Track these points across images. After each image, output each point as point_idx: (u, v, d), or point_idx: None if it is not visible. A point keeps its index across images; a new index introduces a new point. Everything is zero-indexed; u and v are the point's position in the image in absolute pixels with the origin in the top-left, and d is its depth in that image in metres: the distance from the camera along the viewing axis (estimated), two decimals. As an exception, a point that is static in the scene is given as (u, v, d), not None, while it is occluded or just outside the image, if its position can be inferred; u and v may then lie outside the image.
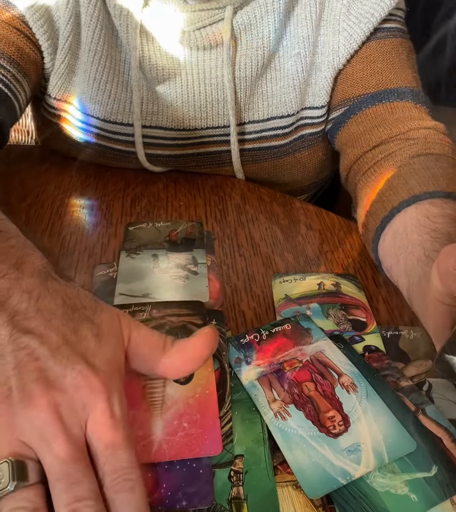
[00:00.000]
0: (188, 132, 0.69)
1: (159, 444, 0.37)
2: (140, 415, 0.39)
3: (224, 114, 0.68)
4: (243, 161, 0.72)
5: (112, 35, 0.65)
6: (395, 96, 0.64)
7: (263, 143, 0.71)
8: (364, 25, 0.63)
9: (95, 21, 0.63)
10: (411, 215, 0.51)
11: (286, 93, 0.67)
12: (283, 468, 0.38)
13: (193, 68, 0.66)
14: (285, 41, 0.66)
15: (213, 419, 0.39)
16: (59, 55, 0.65)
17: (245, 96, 0.68)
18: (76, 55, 0.66)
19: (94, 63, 0.65)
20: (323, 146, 0.74)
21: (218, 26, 0.63)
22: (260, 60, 0.65)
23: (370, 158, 0.63)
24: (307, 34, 0.65)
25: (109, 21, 0.64)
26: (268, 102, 0.68)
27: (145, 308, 0.47)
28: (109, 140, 0.70)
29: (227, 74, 0.65)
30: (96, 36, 0.64)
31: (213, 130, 0.70)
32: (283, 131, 0.70)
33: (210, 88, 0.67)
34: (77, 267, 0.56)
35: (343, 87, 0.67)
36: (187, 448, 0.37)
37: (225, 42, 0.63)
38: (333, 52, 0.65)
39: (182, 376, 0.39)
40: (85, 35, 0.64)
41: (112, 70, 0.66)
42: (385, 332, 0.49)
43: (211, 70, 0.66)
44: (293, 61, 0.66)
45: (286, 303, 0.52)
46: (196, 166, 0.73)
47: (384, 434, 0.39)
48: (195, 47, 0.64)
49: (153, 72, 0.65)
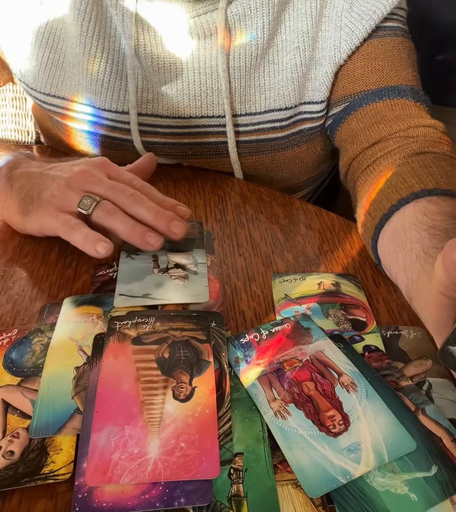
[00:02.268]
0: (183, 120, 0.70)
1: (154, 463, 0.36)
2: (137, 432, 0.38)
3: (219, 104, 0.69)
4: (240, 153, 0.72)
5: (105, 25, 0.66)
6: (396, 94, 0.65)
7: (261, 135, 0.71)
8: (366, 22, 0.64)
9: (82, 14, 0.64)
10: (409, 212, 0.51)
11: (284, 86, 0.68)
12: (283, 467, 0.38)
13: (188, 57, 0.66)
14: (284, 35, 0.66)
15: (211, 441, 0.38)
16: (39, 51, 0.68)
17: (240, 86, 0.68)
18: (57, 49, 0.68)
19: (85, 54, 0.66)
20: (321, 140, 0.74)
21: (213, 15, 0.63)
22: (254, 50, 0.65)
23: (370, 155, 0.63)
24: (307, 28, 0.65)
25: (103, 11, 0.65)
26: (266, 95, 0.68)
27: (149, 320, 0.47)
28: (106, 128, 0.71)
29: (221, 63, 0.65)
30: (84, 28, 0.65)
31: (209, 120, 0.70)
32: (281, 124, 0.70)
33: (205, 77, 0.67)
34: (77, 267, 0.56)
35: (343, 83, 0.67)
36: (183, 469, 0.36)
37: (219, 32, 0.64)
38: (334, 48, 0.66)
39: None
40: (74, 29, 0.65)
41: (105, 59, 0.67)
42: (385, 332, 0.49)
43: (206, 59, 0.66)
44: (292, 55, 0.66)
45: (286, 303, 0.52)
46: (192, 155, 0.73)
47: (384, 434, 0.39)
48: (190, 36, 0.65)
49: (148, 60, 0.66)
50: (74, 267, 0.56)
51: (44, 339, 0.47)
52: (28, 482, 0.36)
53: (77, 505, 0.34)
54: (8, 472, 0.37)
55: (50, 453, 0.38)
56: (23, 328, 0.48)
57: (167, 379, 0.42)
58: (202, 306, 0.51)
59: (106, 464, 0.36)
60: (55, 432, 0.39)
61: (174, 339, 0.45)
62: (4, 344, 0.46)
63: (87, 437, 0.38)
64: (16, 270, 0.55)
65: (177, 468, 0.36)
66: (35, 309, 0.51)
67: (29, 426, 0.39)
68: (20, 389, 0.42)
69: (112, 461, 0.36)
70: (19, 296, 0.52)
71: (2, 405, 0.41)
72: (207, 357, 0.44)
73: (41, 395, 0.41)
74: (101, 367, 0.43)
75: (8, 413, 0.40)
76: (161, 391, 0.41)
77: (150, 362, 0.43)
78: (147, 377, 0.42)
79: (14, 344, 0.46)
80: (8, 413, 0.40)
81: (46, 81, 0.69)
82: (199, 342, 0.45)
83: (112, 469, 0.36)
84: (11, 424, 0.40)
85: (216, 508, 0.35)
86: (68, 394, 0.42)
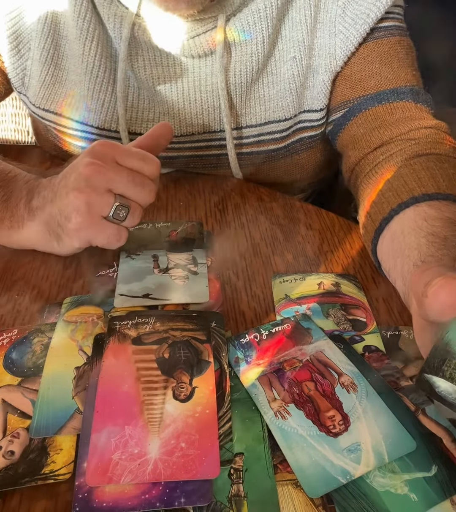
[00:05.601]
0: (185, 137, 0.70)
1: (155, 463, 0.36)
2: (137, 432, 0.38)
3: (220, 120, 0.68)
4: (241, 165, 0.72)
5: (106, 45, 0.65)
6: (395, 97, 0.64)
7: (261, 147, 0.71)
8: (360, 26, 0.63)
9: (85, 33, 0.64)
10: (409, 217, 0.51)
11: (283, 97, 0.67)
12: (283, 467, 0.38)
13: (189, 76, 0.66)
14: (281, 44, 0.65)
15: (212, 441, 0.38)
16: (43, 67, 0.67)
17: (241, 101, 0.68)
18: (61, 66, 0.67)
19: (87, 73, 0.65)
20: (321, 148, 0.74)
21: (212, 34, 0.63)
22: (255, 65, 0.65)
23: (372, 159, 0.62)
24: (302, 37, 0.64)
25: (105, 32, 0.65)
26: (265, 107, 0.68)
27: (149, 320, 0.47)
28: None
29: (220, 82, 0.65)
30: (86, 48, 0.64)
31: (210, 135, 0.70)
32: (281, 135, 0.70)
33: (206, 95, 0.67)
34: (77, 267, 0.56)
35: (342, 89, 0.67)
36: (184, 469, 0.36)
37: (217, 51, 0.63)
38: (330, 55, 0.65)
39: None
40: (76, 48, 0.65)
41: (106, 79, 0.66)
42: (385, 332, 0.49)
43: (206, 77, 0.66)
44: (289, 65, 0.66)
45: (286, 303, 0.52)
46: (194, 167, 0.73)
47: (384, 434, 0.39)
48: (190, 55, 0.64)
49: (149, 81, 0.66)
50: (74, 267, 0.56)
51: (44, 339, 0.47)
52: (28, 482, 0.36)
53: (77, 505, 0.34)
54: (8, 472, 0.37)
55: (50, 453, 0.38)
56: (23, 328, 0.48)
57: (167, 379, 0.42)
58: (202, 306, 0.51)
59: (106, 464, 0.36)
60: (55, 432, 0.39)
61: (174, 339, 0.45)
62: (4, 344, 0.46)
63: (87, 437, 0.38)
64: (16, 270, 0.55)
65: (177, 468, 0.36)
66: (35, 309, 0.51)
67: (30, 426, 0.39)
68: (20, 389, 0.42)
69: (112, 461, 0.36)
70: (19, 296, 0.52)
71: (2, 405, 0.41)
72: (207, 357, 0.44)
73: (42, 395, 0.41)
74: (101, 367, 0.43)
75: (8, 413, 0.40)
76: (161, 391, 0.41)
77: (150, 362, 0.43)
78: (147, 377, 0.42)
79: (14, 344, 0.46)
80: (8, 413, 0.40)
81: (47, 97, 0.69)
82: (199, 342, 0.45)
83: (112, 469, 0.36)
84: (11, 424, 0.40)
85: (216, 508, 0.35)
86: (68, 394, 0.42)
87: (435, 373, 0.33)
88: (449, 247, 0.45)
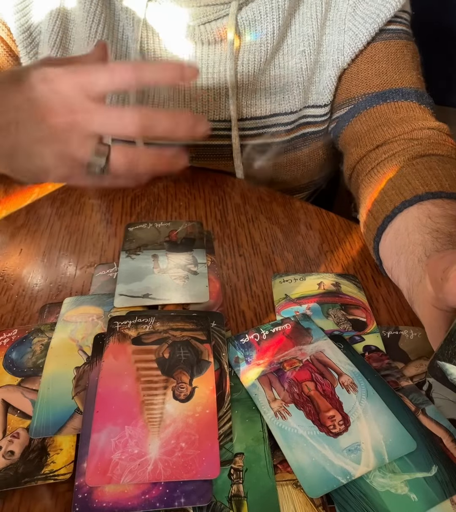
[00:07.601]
0: None
1: (154, 463, 0.36)
2: (137, 432, 0.38)
3: (226, 109, 0.69)
4: (244, 157, 0.72)
5: (113, 29, 0.66)
6: (400, 96, 0.64)
7: (265, 139, 0.71)
8: (369, 25, 0.64)
9: (91, 16, 0.64)
10: (412, 214, 0.51)
11: (290, 90, 0.68)
12: (283, 467, 0.38)
13: (197, 62, 0.66)
14: (290, 39, 0.66)
15: (212, 441, 0.38)
16: (52, 50, 0.67)
17: (247, 91, 0.68)
18: (69, 50, 0.67)
19: None
20: (323, 145, 0.74)
21: (223, 21, 0.63)
22: (263, 56, 0.65)
23: (374, 158, 0.63)
24: (312, 32, 0.65)
25: (111, 15, 0.65)
26: (271, 99, 0.69)
27: (149, 320, 0.47)
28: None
29: (229, 69, 0.65)
30: (92, 31, 0.64)
31: (215, 124, 0.70)
32: (286, 128, 0.70)
33: (213, 82, 0.67)
34: (77, 267, 0.56)
35: (347, 86, 0.67)
36: (184, 469, 0.36)
37: (229, 38, 0.64)
38: (338, 51, 0.66)
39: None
40: (82, 31, 0.65)
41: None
42: (385, 332, 0.49)
43: (215, 64, 0.66)
44: (297, 59, 0.67)
45: (286, 303, 0.52)
46: (196, 157, 0.73)
47: (384, 434, 0.39)
48: (200, 41, 0.65)
49: None
50: (74, 267, 0.56)
51: (44, 339, 0.47)
52: (28, 482, 0.36)
53: (77, 505, 0.34)
54: (8, 472, 0.37)
55: (50, 453, 0.38)
56: (23, 328, 0.48)
57: (167, 379, 0.42)
58: (202, 306, 0.51)
59: (106, 464, 0.36)
60: (55, 432, 0.39)
61: (174, 339, 0.45)
62: (4, 344, 0.46)
63: (87, 437, 0.38)
64: (16, 270, 0.55)
65: (177, 468, 0.36)
66: (35, 309, 0.51)
67: (29, 426, 0.39)
68: (20, 389, 0.42)
69: (112, 461, 0.36)
70: (19, 296, 0.52)
71: (2, 405, 0.41)
72: (207, 357, 0.44)
73: (41, 395, 0.41)
74: (101, 367, 0.43)
75: (8, 413, 0.40)
76: (161, 391, 0.41)
77: (150, 362, 0.43)
78: (147, 377, 0.42)
79: (14, 344, 0.46)
80: (8, 413, 0.40)
81: None
82: (199, 342, 0.45)
83: (112, 469, 0.36)
84: (11, 424, 0.40)
85: (216, 508, 0.35)
86: (68, 394, 0.42)
87: (449, 361, 0.33)
88: (454, 243, 0.45)
